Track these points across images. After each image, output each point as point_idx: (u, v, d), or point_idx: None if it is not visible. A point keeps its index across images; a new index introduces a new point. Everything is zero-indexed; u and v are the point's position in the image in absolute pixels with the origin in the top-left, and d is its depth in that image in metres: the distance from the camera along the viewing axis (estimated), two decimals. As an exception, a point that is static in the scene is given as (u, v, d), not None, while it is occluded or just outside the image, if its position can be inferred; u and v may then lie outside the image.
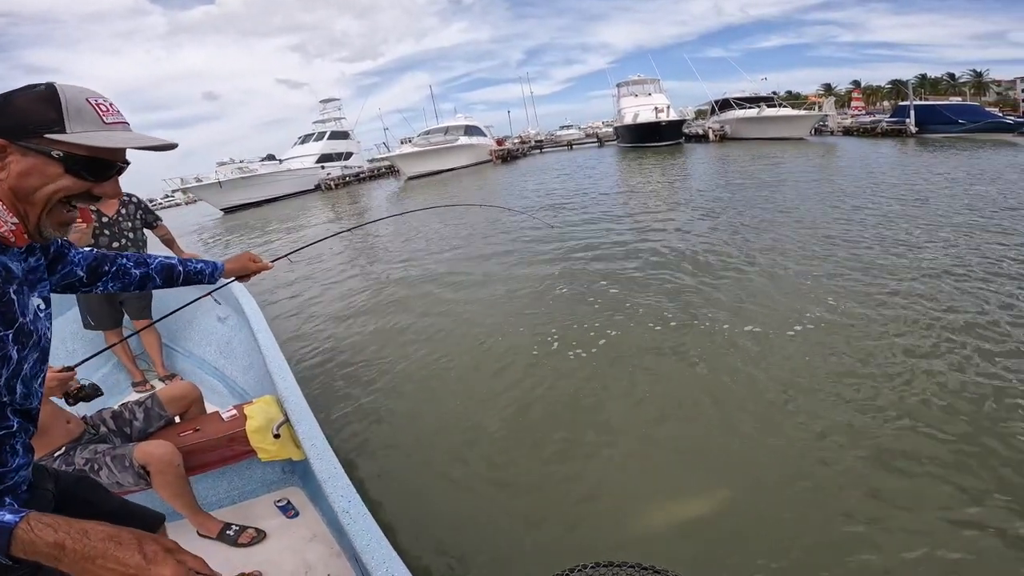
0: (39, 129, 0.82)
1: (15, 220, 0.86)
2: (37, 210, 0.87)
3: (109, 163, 0.90)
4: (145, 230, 3.60)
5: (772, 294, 4.92)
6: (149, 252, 3.52)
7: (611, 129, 46.23)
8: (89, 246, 3.12)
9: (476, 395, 3.70)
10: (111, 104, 0.90)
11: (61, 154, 0.84)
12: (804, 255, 6.07)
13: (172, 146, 0.96)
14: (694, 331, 4.29)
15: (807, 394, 3.20)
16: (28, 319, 0.92)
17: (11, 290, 0.88)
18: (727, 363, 3.68)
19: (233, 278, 1.72)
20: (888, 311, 4.21)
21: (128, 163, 0.94)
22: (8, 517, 0.68)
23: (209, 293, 2.33)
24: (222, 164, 32.30)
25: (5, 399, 0.90)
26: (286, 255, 2.36)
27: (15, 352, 0.89)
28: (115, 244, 3.36)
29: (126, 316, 3.65)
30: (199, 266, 1.55)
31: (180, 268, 1.49)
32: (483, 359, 4.27)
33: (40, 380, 1.00)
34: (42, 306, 1.01)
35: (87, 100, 0.86)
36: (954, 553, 2.00)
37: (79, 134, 0.84)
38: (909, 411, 2.93)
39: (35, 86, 0.85)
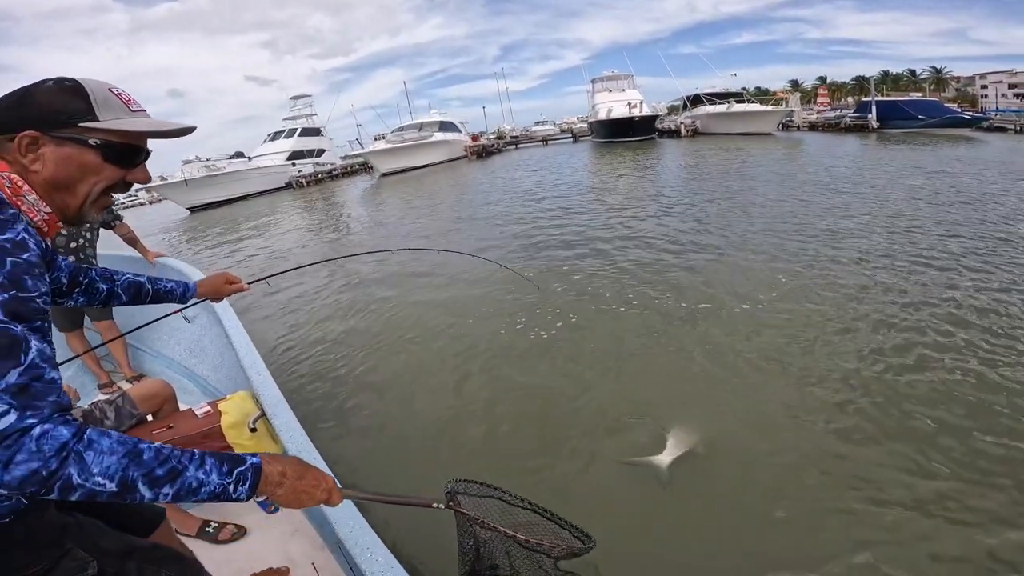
0: (72, 119, 0.84)
1: (48, 210, 0.87)
2: (79, 200, 0.89)
3: (139, 149, 0.93)
4: (103, 230, 3.48)
5: (727, 277, 5.26)
6: (106, 253, 3.47)
7: (585, 125, 46.48)
8: None
9: (449, 378, 3.79)
10: (130, 94, 0.92)
11: (99, 142, 0.86)
12: (758, 244, 6.41)
13: (192, 129, 1.00)
14: (655, 310, 4.61)
15: (754, 362, 3.53)
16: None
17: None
18: (684, 334, 4.07)
19: (205, 299, 1.64)
20: (827, 294, 4.55)
21: (151, 150, 0.97)
22: (254, 459, 0.85)
23: (179, 310, 2.28)
24: (188, 162, 31.12)
25: None
26: (264, 278, 2.32)
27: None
28: (72, 244, 3.21)
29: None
30: (169, 286, 1.50)
31: (148, 287, 1.44)
32: (452, 344, 4.39)
33: None
34: None
35: (109, 90, 0.88)
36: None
37: (112, 121, 0.86)
38: (829, 376, 3.29)
39: (45, 81, 0.86)
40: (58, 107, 0.83)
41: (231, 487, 0.81)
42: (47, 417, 0.71)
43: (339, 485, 1.01)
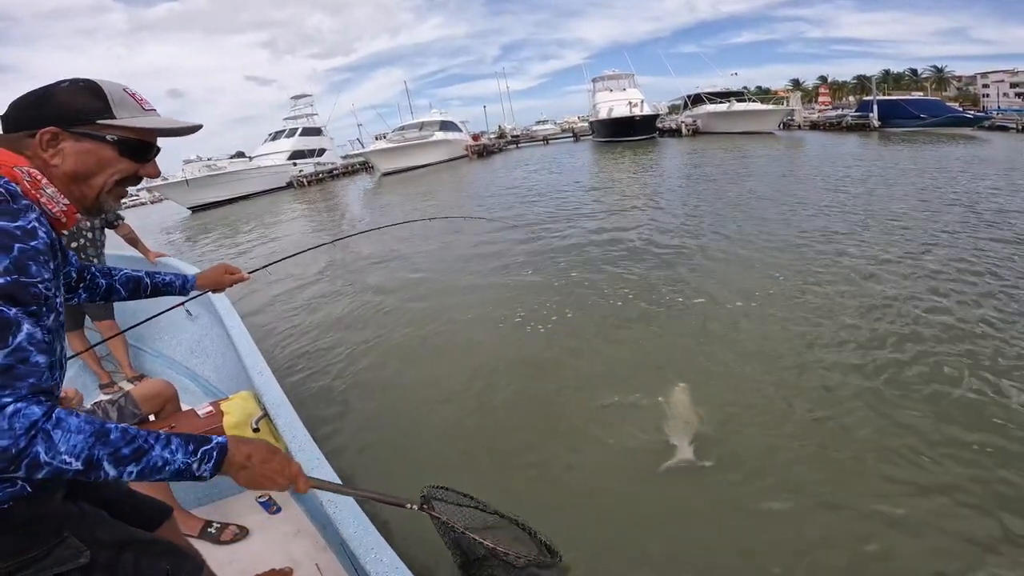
0: (91, 117, 0.90)
1: (66, 201, 0.92)
2: (95, 192, 0.96)
3: (152, 145, 1.00)
4: (106, 230, 3.48)
5: (722, 275, 5.31)
6: (107, 253, 3.47)
7: (586, 124, 46.47)
8: None
9: (450, 373, 3.80)
10: (142, 95, 0.99)
11: (115, 138, 0.93)
12: (756, 242, 6.43)
13: (199, 127, 1.07)
14: (651, 303, 4.69)
15: (744, 354, 3.57)
16: (59, 302, 0.95)
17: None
18: (680, 331, 4.12)
19: (206, 291, 1.65)
20: (817, 301, 4.50)
21: (161, 146, 1.04)
22: (220, 440, 0.89)
23: (181, 304, 2.27)
24: (189, 162, 31.10)
25: (57, 379, 0.93)
26: (264, 266, 2.31)
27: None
28: (73, 244, 3.22)
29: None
30: (168, 279, 1.49)
31: (147, 281, 1.45)
32: (452, 338, 4.43)
33: None
34: None
35: (124, 90, 0.96)
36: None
37: (128, 119, 0.93)
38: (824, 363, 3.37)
39: (63, 82, 0.92)
40: (78, 106, 0.89)
41: (195, 465, 0.85)
42: (23, 396, 0.73)
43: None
